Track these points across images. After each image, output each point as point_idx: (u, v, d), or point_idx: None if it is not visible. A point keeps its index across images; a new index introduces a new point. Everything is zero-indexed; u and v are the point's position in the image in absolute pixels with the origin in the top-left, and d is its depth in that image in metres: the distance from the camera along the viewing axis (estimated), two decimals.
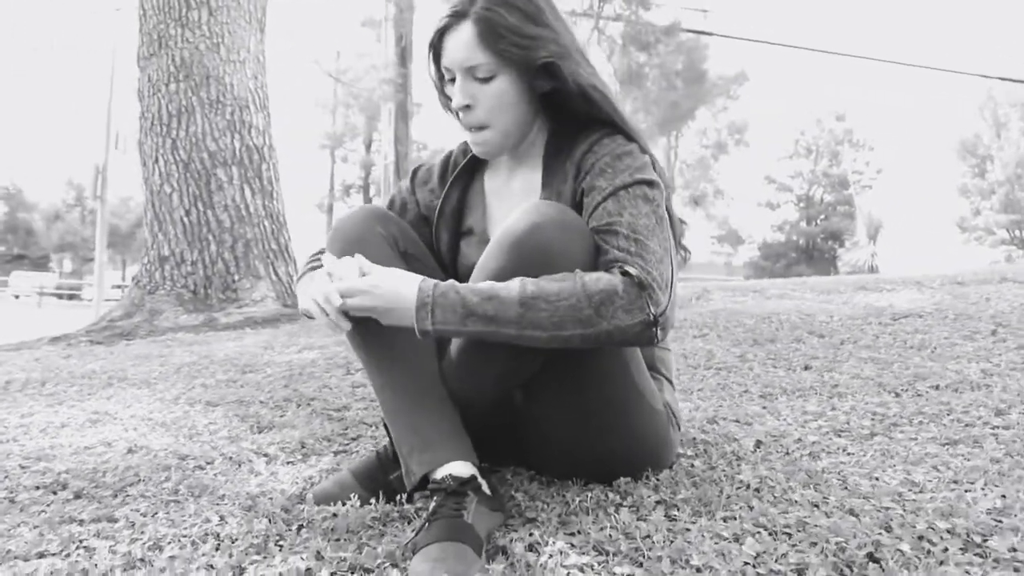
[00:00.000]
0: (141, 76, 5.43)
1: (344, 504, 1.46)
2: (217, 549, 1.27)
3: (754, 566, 1.17)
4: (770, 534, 1.31)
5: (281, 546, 1.27)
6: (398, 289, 1.34)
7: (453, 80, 1.55)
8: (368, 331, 1.47)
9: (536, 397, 1.50)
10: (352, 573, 1.17)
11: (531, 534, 1.32)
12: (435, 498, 1.34)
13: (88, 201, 44.01)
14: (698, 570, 1.17)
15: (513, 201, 1.65)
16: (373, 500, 1.48)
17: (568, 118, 1.58)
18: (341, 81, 16.11)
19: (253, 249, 5.30)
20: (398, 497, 1.50)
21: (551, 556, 1.22)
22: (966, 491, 1.49)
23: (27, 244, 46.33)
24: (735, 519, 1.40)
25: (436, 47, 1.57)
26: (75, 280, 45.14)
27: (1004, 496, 1.44)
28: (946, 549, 1.22)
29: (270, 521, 1.38)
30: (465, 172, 1.73)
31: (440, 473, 1.37)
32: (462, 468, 1.38)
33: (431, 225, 1.74)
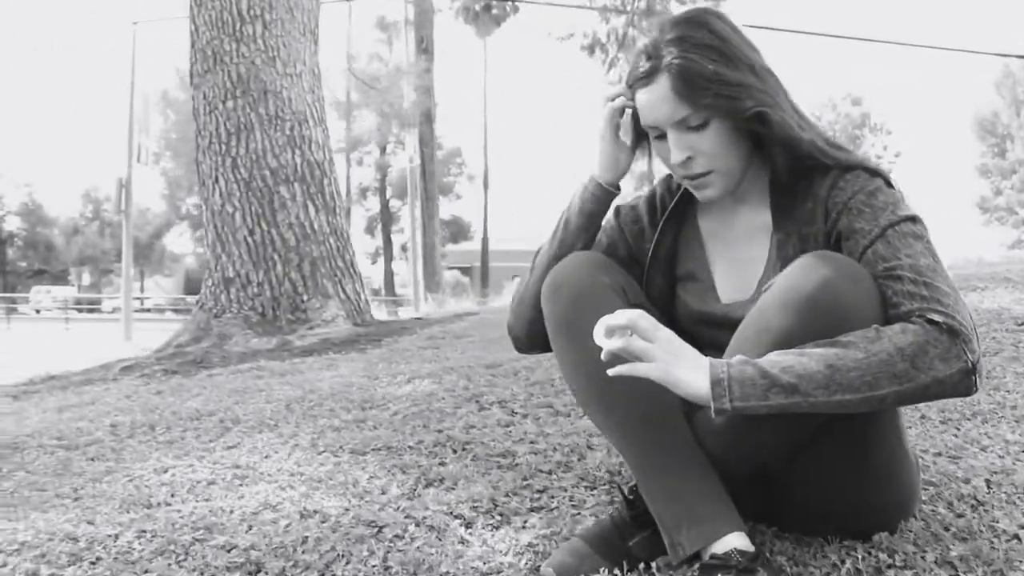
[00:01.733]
0: (196, 94, 5.30)
1: None
2: None
3: None
4: None
5: None
6: (686, 359, 1.22)
7: (660, 137, 1.43)
8: (617, 391, 1.34)
9: (804, 456, 1.36)
10: None
11: None
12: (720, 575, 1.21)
13: (106, 214, 44.14)
14: None
15: (738, 244, 1.53)
16: (617, 571, 1.35)
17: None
18: (375, 88, 15.97)
19: (320, 267, 5.17)
20: (640, 566, 1.37)
21: None
22: None
23: (47, 259, 46.50)
24: None
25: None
26: (94, 294, 45.33)
27: None
28: None
29: None
30: (677, 212, 1.60)
31: (720, 548, 1.24)
32: (743, 541, 1.25)
33: (641, 268, 1.60)
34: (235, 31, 5.17)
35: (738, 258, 1.52)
